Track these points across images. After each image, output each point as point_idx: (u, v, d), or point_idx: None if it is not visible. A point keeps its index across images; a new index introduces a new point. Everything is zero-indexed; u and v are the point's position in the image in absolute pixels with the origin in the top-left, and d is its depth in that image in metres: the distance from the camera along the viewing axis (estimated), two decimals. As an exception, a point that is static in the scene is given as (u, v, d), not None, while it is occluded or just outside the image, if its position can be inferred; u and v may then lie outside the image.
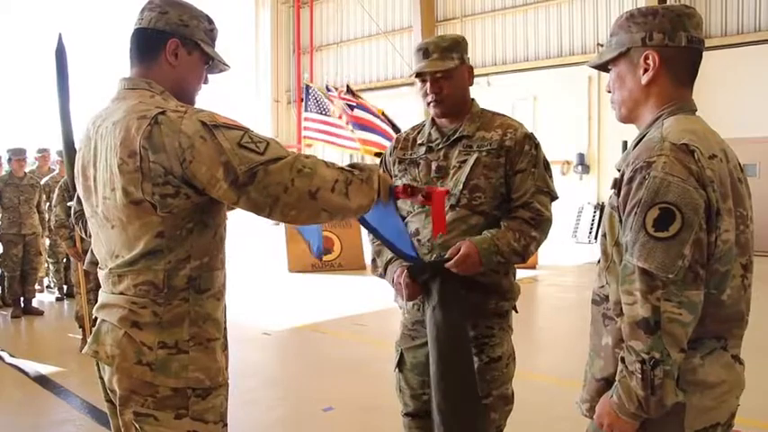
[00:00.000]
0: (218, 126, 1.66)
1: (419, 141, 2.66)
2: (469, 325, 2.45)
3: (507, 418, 2.58)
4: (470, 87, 2.63)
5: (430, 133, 2.63)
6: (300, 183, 1.67)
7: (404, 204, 2.59)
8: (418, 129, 2.73)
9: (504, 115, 2.62)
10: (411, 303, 2.58)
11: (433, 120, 2.65)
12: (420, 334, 2.59)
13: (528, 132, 2.53)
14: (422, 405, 2.64)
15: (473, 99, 2.64)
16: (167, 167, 1.65)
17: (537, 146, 2.51)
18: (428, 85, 2.53)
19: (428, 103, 2.57)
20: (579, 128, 15.13)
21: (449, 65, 2.49)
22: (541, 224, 2.44)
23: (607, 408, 1.58)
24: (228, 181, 1.64)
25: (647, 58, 1.65)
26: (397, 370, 2.70)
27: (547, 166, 2.53)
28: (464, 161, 2.49)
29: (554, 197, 2.51)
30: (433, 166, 2.55)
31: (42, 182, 8.17)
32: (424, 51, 2.52)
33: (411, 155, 2.65)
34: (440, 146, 2.57)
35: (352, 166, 1.82)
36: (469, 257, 2.31)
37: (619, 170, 1.65)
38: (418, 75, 2.55)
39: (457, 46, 2.53)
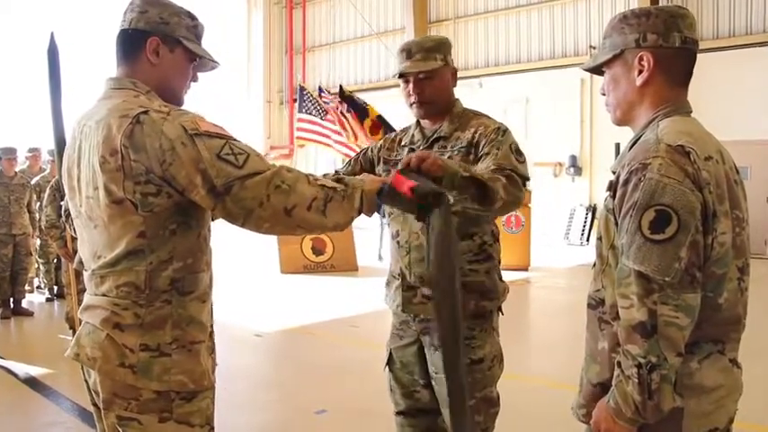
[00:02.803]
0: (199, 134, 1.65)
1: (403, 143, 2.67)
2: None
3: (494, 421, 2.57)
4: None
5: (413, 135, 2.64)
6: (276, 199, 1.65)
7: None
8: (404, 131, 2.74)
9: (483, 115, 2.59)
10: (396, 305, 2.59)
11: (418, 122, 2.65)
12: (407, 333, 2.63)
13: (498, 125, 2.48)
14: (413, 403, 2.66)
15: (457, 99, 2.62)
16: (148, 167, 1.65)
17: (504, 132, 2.45)
18: (411, 85, 2.51)
19: (410, 104, 2.56)
20: (571, 130, 15.16)
21: (432, 65, 2.47)
22: (511, 180, 2.27)
23: (604, 413, 1.57)
24: (206, 188, 1.64)
25: (641, 59, 1.64)
26: (387, 369, 2.72)
27: (517, 150, 2.41)
28: None
29: (522, 176, 2.35)
30: None
31: (33, 181, 8.11)
32: (408, 52, 2.51)
33: (395, 156, 2.65)
34: (420, 147, 2.57)
35: (339, 180, 1.78)
36: (429, 154, 2.07)
37: (614, 172, 1.64)
38: (401, 75, 2.53)
39: (441, 47, 2.52)
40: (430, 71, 2.48)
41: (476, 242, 2.52)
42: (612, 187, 1.59)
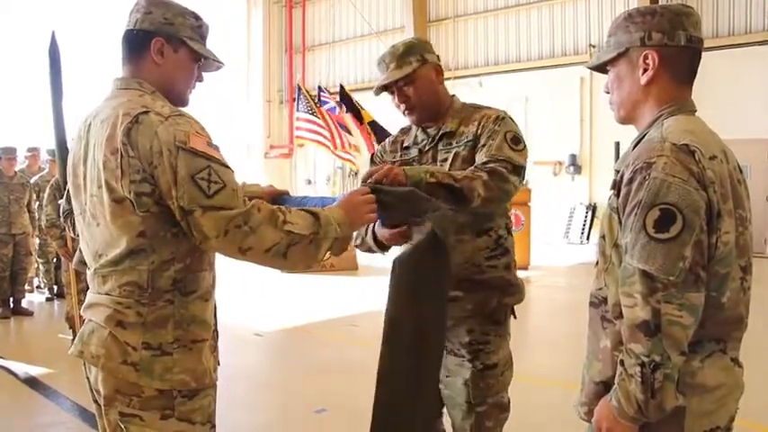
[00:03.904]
0: (185, 149, 1.65)
1: (406, 144, 2.64)
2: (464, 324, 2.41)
3: (503, 426, 2.55)
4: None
5: (416, 135, 2.62)
6: (233, 237, 1.65)
7: None
8: (406, 131, 2.71)
9: (485, 107, 2.56)
10: None
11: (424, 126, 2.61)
12: None
13: (497, 114, 2.45)
14: None
15: (453, 95, 2.59)
16: (142, 166, 1.66)
17: (502, 120, 2.42)
18: (395, 96, 2.50)
19: (403, 113, 2.54)
20: (571, 129, 15.16)
21: (406, 70, 2.44)
22: (494, 174, 2.24)
23: (606, 411, 1.57)
24: (178, 202, 1.65)
25: (646, 57, 1.64)
26: None
27: (513, 139, 2.37)
28: (445, 159, 2.47)
29: (516, 165, 2.32)
30: None
31: (32, 181, 8.11)
32: (383, 64, 2.50)
33: (402, 157, 2.62)
34: (427, 147, 2.54)
35: (316, 218, 1.76)
36: (391, 168, 2.12)
37: (617, 171, 1.63)
38: (384, 88, 2.51)
39: (413, 49, 2.48)
40: (406, 77, 2.44)
41: (492, 237, 2.48)
42: (616, 186, 1.59)
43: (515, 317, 2.59)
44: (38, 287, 9.30)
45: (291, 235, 1.71)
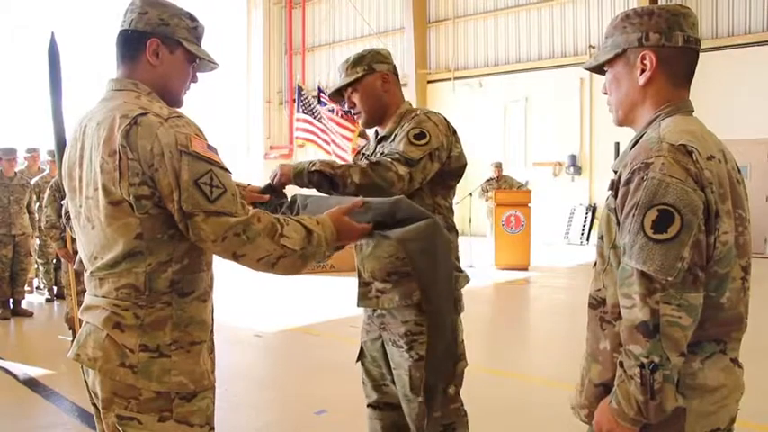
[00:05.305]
0: (188, 153, 1.67)
1: (363, 151, 2.80)
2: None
3: (462, 417, 2.56)
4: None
5: (370, 141, 2.77)
6: (230, 243, 1.68)
7: None
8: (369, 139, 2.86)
9: (421, 109, 2.65)
10: (365, 300, 2.63)
11: (376, 130, 2.74)
12: (371, 328, 2.71)
13: (417, 113, 2.56)
14: (381, 396, 2.73)
15: (405, 101, 2.70)
16: (141, 168, 1.66)
17: (413, 118, 2.53)
18: (346, 101, 2.66)
19: (353, 116, 2.70)
20: (571, 129, 15.16)
21: (350, 79, 2.60)
22: (377, 164, 2.35)
23: (606, 413, 1.56)
24: (179, 204, 1.66)
25: (643, 58, 1.64)
26: (359, 362, 2.80)
27: (416, 135, 2.43)
28: None
29: (408, 158, 2.37)
30: None
31: (32, 182, 8.11)
32: (339, 72, 2.66)
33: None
34: (371, 152, 2.69)
35: (309, 233, 1.79)
36: (278, 172, 2.38)
37: (615, 171, 1.63)
38: (339, 95, 2.67)
39: (363, 59, 2.62)
40: (350, 83, 2.60)
41: None
42: (614, 186, 1.58)
43: (462, 309, 2.60)
44: (37, 288, 9.30)
45: (285, 249, 1.74)
